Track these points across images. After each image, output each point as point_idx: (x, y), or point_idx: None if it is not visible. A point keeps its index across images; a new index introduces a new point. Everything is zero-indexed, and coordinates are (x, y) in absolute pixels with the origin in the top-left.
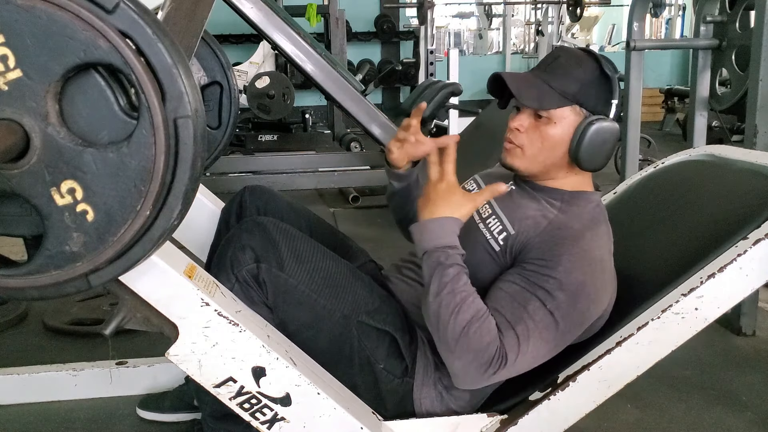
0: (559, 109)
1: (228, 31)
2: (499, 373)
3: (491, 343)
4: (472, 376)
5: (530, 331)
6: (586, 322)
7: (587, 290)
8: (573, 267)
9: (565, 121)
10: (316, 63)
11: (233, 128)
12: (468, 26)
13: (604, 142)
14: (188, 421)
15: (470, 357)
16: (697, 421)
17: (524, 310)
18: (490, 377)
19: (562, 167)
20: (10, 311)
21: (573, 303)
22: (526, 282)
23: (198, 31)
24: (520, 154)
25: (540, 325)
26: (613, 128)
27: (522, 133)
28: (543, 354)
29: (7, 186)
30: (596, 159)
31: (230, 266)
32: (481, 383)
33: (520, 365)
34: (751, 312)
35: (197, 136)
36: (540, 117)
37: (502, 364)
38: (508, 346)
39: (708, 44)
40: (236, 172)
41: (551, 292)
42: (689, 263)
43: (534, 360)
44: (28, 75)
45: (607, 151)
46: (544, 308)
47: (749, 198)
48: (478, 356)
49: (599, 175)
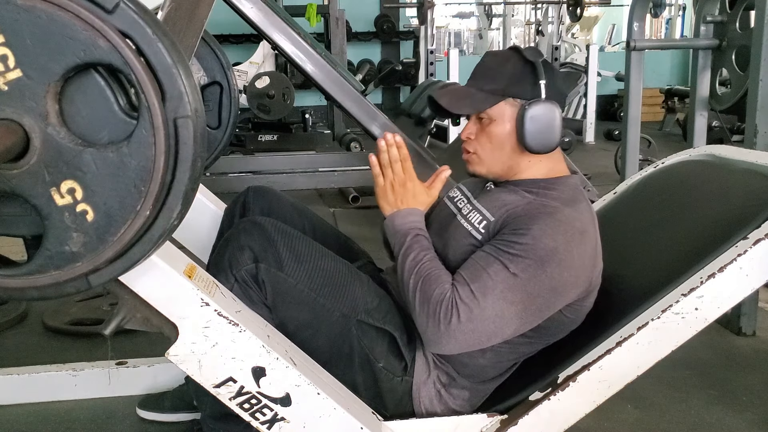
0: (494, 107)
1: (228, 31)
2: (454, 325)
3: (439, 289)
4: (431, 330)
5: (488, 289)
6: (563, 289)
7: (559, 256)
8: (543, 234)
9: (505, 115)
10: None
11: (233, 128)
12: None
13: (544, 122)
14: (188, 421)
15: (425, 308)
16: (697, 421)
17: (484, 270)
18: (447, 329)
19: (520, 158)
20: (10, 311)
21: (540, 266)
22: (493, 249)
23: (198, 31)
24: (477, 160)
25: (500, 285)
26: (547, 106)
27: (473, 140)
28: (511, 316)
29: (7, 186)
30: (544, 139)
31: (229, 266)
32: (444, 341)
33: (484, 324)
34: (751, 312)
35: (197, 136)
36: (482, 120)
37: (452, 313)
38: (460, 296)
39: (708, 44)
40: (236, 172)
41: (516, 254)
42: (689, 263)
43: (501, 321)
44: (28, 75)
45: (552, 130)
46: (506, 270)
47: (749, 198)
48: (429, 305)
49: (600, 176)
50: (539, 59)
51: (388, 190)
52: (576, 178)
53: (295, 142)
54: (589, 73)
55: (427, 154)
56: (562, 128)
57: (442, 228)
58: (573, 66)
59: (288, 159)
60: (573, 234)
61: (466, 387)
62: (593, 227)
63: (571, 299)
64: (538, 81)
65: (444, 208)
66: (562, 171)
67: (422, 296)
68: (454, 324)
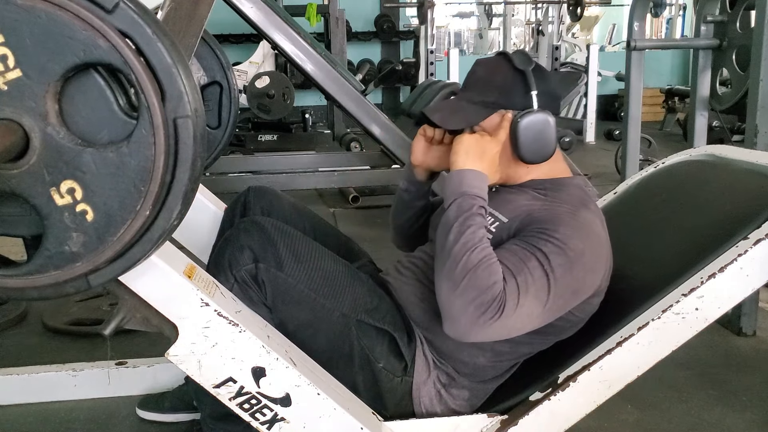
0: (487, 119)
1: (228, 31)
2: (493, 323)
3: (497, 283)
4: (468, 318)
5: (528, 285)
6: (581, 292)
7: (585, 259)
8: (572, 234)
9: (499, 127)
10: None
11: (233, 128)
12: (468, 26)
13: (538, 132)
14: (188, 422)
15: (473, 294)
16: (697, 422)
17: (524, 265)
18: (483, 325)
19: (519, 166)
20: (10, 311)
21: (569, 268)
22: (527, 243)
23: (198, 31)
24: None
25: (537, 283)
26: (539, 117)
27: None
28: (536, 314)
29: (7, 186)
30: (538, 149)
31: (229, 266)
32: (473, 331)
33: (515, 321)
34: (751, 312)
35: (197, 136)
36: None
37: (500, 310)
38: (508, 292)
39: (708, 44)
40: (236, 172)
41: (549, 254)
42: (689, 263)
43: (528, 318)
44: (28, 75)
45: (546, 139)
46: (541, 267)
47: (749, 198)
48: (480, 294)
49: (600, 176)
50: (529, 67)
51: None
52: (579, 179)
53: (295, 142)
54: (590, 73)
55: None
56: (556, 135)
57: None
58: (573, 66)
59: (288, 159)
60: (594, 237)
61: (466, 387)
62: (603, 229)
63: (581, 300)
64: (529, 91)
65: None
66: (563, 170)
67: (476, 281)
68: (495, 319)
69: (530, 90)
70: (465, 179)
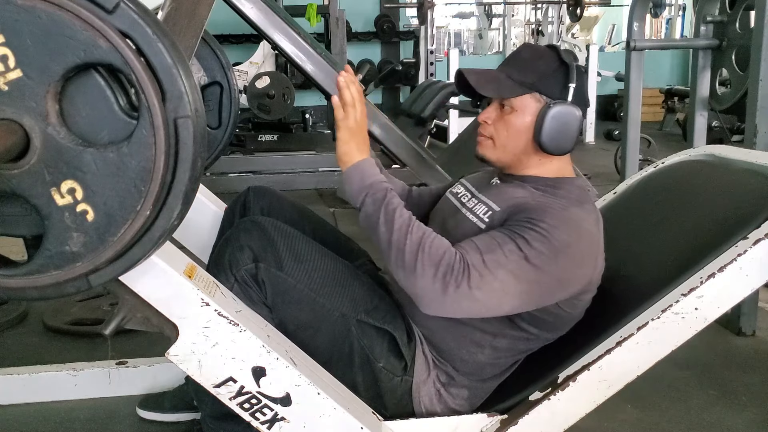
0: (520, 97)
1: (228, 31)
2: (462, 290)
3: (446, 252)
4: (436, 293)
5: (499, 264)
6: (568, 282)
7: (571, 251)
8: (558, 225)
9: (527, 108)
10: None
11: (233, 128)
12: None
13: (564, 124)
14: (188, 421)
15: (431, 271)
16: (697, 421)
17: (498, 247)
18: (455, 293)
19: (532, 154)
20: (10, 311)
21: (553, 257)
22: (509, 231)
23: (198, 31)
24: (491, 145)
25: (512, 264)
26: (570, 110)
27: (489, 125)
28: (514, 293)
29: (7, 186)
30: (559, 142)
31: (229, 266)
32: (446, 304)
33: (487, 296)
34: (751, 312)
35: (197, 136)
36: (504, 108)
37: (463, 278)
38: (471, 264)
39: (708, 44)
40: (236, 172)
41: (530, 241)
42: (689, 263)
43: (504, 295)
44: (28, 75)
45: (569, 134)
46: (519, 251)
47: (749, 198)
48: (437, 267)
49: (599, 176)
50: (574, 63)
51: (355, 133)
52: (581, 180)
53: (295, 142)
54: (589, 74)
55: (427, 154)
56: (579, 135)
57: (445, 221)
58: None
59: (288, 159)
60: (583, 233)
61: (466, 386)
62: (598, 229)
63: (570, 294)
64: (568, 83)
65: (447, 203)
66: (569, 172)
67: (428, 257)
68: (463, 288)
69: (569, 83)
70: (364, 172)
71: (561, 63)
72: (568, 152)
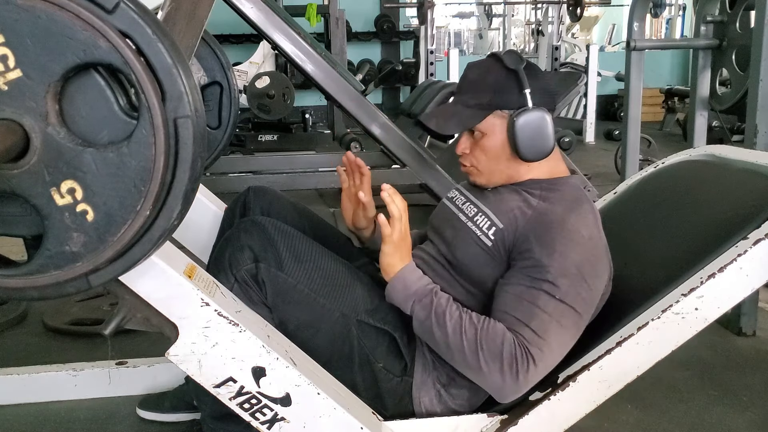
0: (483, 121)
1: (228, 31)
2: (531, 371)
3: (503, 341)
4: (510, 383)
5: (546, 324)
6: (597, 296)
7: (587, 268)
8: (567, 250)
9: (495, 128)
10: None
11: (233, 128)
12: (468, 26)
13: (535, 129)
14: (188, 421)
15: (496, 365)
16: (697, 422)
17: (534, 306)
18: (526, 378)
19: (520, 165)
20: (10, 311)
21: (579, 284)
22: (529, 279)
23: (198, 31)
24: (477, 172)
25: (555, 316)
26: (535, 114)
27: (468, 154)
28: (567, 340)
29: (7, 186)
30: (537, 147)
31: (229, 266)
32: (522, 387)
33: (550, 357)
34: (751, 312)
35: (197, 136)
36: (474, 134)
37: (529, 360)
38: (528, 342)
39: (708, 44)
40: (236, 172)
41: (555, 282)
42: (689, 263)
43: (561, 347)
44: (28, 75)
45: (544, 136)
46: (554, 299)
47: (749, 198)
48: (501, 360)
49: (599, 176)
50: (521, 66)
51: (399, 246)
52: (576, 179)
53: (295, 142)
54: (589, 73)
55: (427, 154)
56: (554, 132)
57: (443, 227)
58: (573, 66)
59: (288, 159)
60: (586, 242)
61: (466, 387)
62: (598, 229)
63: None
64: (523, 90)
65: (444, 208)
66: (563, 171)
67: (489, 354)
68: (531, 370)
69: (524, 88)
70: (406, 279)
71: (508, 71)
72: (550, 153)
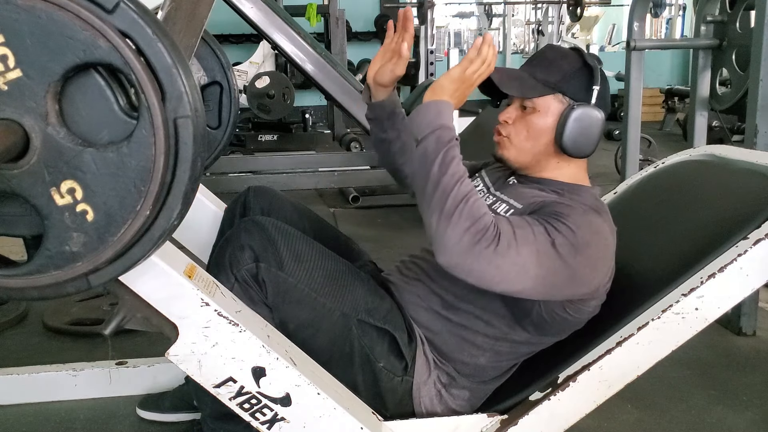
0: (542, 98)
1: (228, 31)
2: (486, 252)
3: (487, 213)
4: (462, 245)
5: (527, 241)
6: (579, 281)
7: (589, 252)
8: (582, 225)
9: (549, 109)
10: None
11: (233, 128)
12: (468, 26)
13: (587, 126)
14: (188, 421)
15: (467, 224)
16: (697, 421)
17: (529, 226)
18: (480, 253)
19: (551, 156)
20: (10, 311)
21: (575, 251)
22: (539, 217)
23: (198, 31)
24: (508, 144)
25: (539, 245)
26: (594, 113)
27: (510, 125)
28: (531, 275)
29: (7, 186)
30: (581, 145)
31: (229, 266)
32: (466, 259)
33: (507, 265)
34: (751, 312)
35: (197, 136)
36: (525, 108)
37: (494, 241)
38: (503, 233)
39: (708, 44)
40: (236, 172)
41: (559, 230)
42: (689, 263)
43: (522, 273)
44: (28, 75)
45: (591, 137)
46: (547, 235)
47: (749, 198)
48: (474, 223)
49: (600, 176)
50: (598, 65)
51: (463, 81)
52: (596, 190)
53: (295, 142)
54: None
55: None
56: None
57: None
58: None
59: (288, 159)
60: (601, 238)
61: (467, 387)
62: (613, 239)
63: (577, 295)
64: (593, 86)
65: None
66: (584, 180)
67: (468, 210)
68: (489, 250)
69: (594, 85)
70: (443, 112)
71: (585, 64)
72: (589, 155)
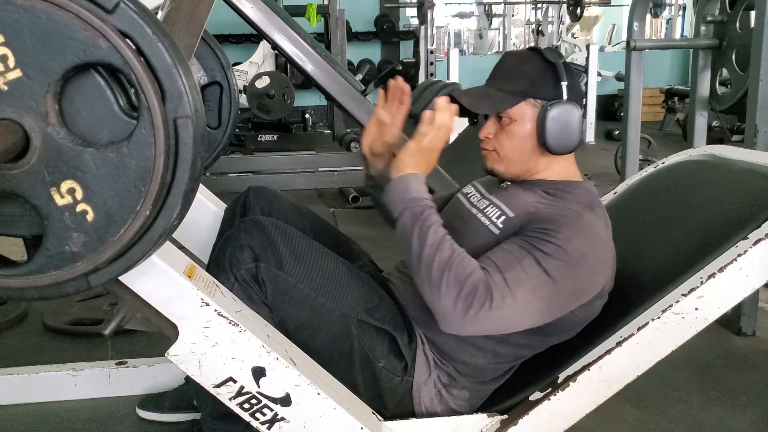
0: (515, 107)
1: (228, 31)
2: (483, 313)
3: (473, 273)
4: (458, 314)
5: (520, 282)
6: (582, 293)
7: (586, 261)
8: (574, 236)
9: (525, 116)
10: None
11: (233, 128)
12: (468, 26)
13: (565, 123)
14: (188, 421)
15: (455, 291)
16: (697, 421)
17: (517, 263)
18: (476, 316)
19: (539, 158)
20: (10, 311)
21: (571, 269)
22: (526, 243)
23: (198, 31)
24: (497, 157)
25: (532, 280)
26: (568, 108)
27: (491, 139)
28: (534, 311)
29: (7, 186)
30: (564, 141)
31: (229, 266)
32: (466, 325)
33: (509, 314)
34: (751, 312)
35: (197, 136)
36: (502, 119)
37: (487, 300)
38: (494, 285)
39: (708, 44)
40: (236, 172)
41: (549, 254)
42: (689, 263)
43: (525, 314)
44: (28, 75)
45: (572, 131)
46: (538, 266)
47: (749, 198)
48: (462, 288)
49: (599, 176)
50: (560, 60)
51: (422, 152)
52: (589, 184)
53: (295, 142)
54: (589, 73)
55: None
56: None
57: (455, 221)
58: (573, 66)
59: (288, 159)
60: (597, 240)
61: (467, 387)
62: (608, 233)
63: (584, 302)
64: (560, 82)
65: (457, 203)
66: (576, 175)
67: (454, 276)
68: (484, 310)
69: (560, 81)
70: (410, 185)
71: (547, 63)
72: (575, 149)
